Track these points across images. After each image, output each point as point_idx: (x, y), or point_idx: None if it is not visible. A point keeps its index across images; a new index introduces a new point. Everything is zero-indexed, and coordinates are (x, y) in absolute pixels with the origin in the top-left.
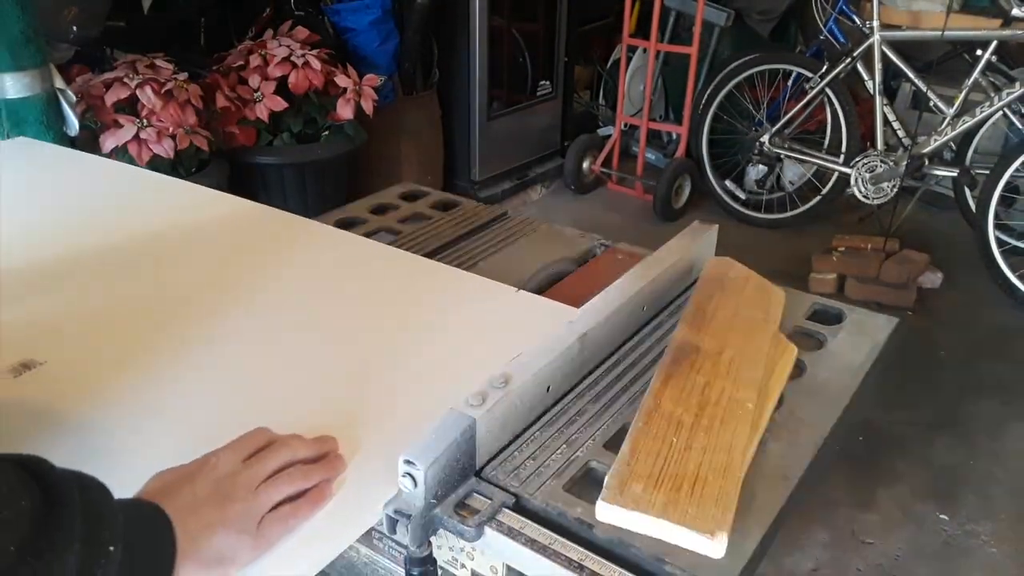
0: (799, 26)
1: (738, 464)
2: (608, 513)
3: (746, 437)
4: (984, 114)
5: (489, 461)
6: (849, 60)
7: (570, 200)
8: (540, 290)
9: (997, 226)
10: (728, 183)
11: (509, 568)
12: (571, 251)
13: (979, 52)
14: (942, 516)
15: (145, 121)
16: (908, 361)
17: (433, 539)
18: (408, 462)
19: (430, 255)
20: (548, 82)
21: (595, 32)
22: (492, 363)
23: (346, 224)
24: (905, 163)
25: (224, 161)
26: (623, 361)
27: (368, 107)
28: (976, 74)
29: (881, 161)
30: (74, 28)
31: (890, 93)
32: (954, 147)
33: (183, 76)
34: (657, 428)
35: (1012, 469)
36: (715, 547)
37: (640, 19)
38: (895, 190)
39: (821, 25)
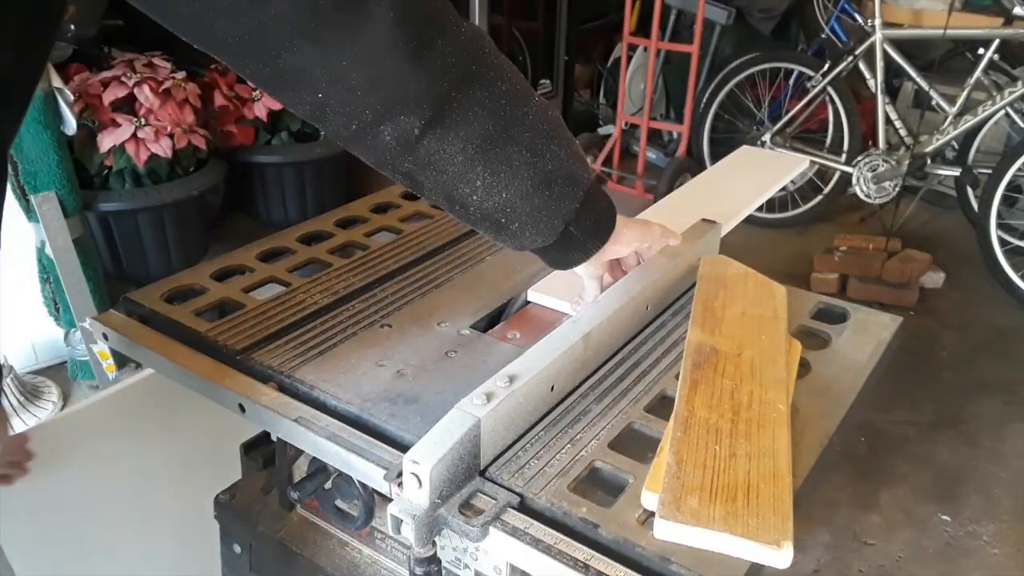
0: (800, 24)
1: (785, 468)
2: (667, 530)
3: (786, 440)
4: (986, 113)
5: (493, 461)
6: (851, 59)
7: None
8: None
9: (999, 225)
10: None
11: (513, 568)
12: None
13: (981, 51)
14: (944, 517)
15: (143, 120)
16: (910, 361)
17: (437, 539)
18: (413, 462)
19: (432, 254)
20: (548, 81)
21: (595, 30)
22: None
23: (347, 223)
24: (907, 162)
25: (222, 160)
26: (627, 360)
27: None
28: (978, 73)
29: (883, 160)
30: (72, 27)
31: (892, 92)
32: (956, 146)
33: (181, 75)
34: (697, 437)
35: (1014, 469)
36: (782, 557)
37: (641, 17)
38: (897, 189)
39: (823, 23)
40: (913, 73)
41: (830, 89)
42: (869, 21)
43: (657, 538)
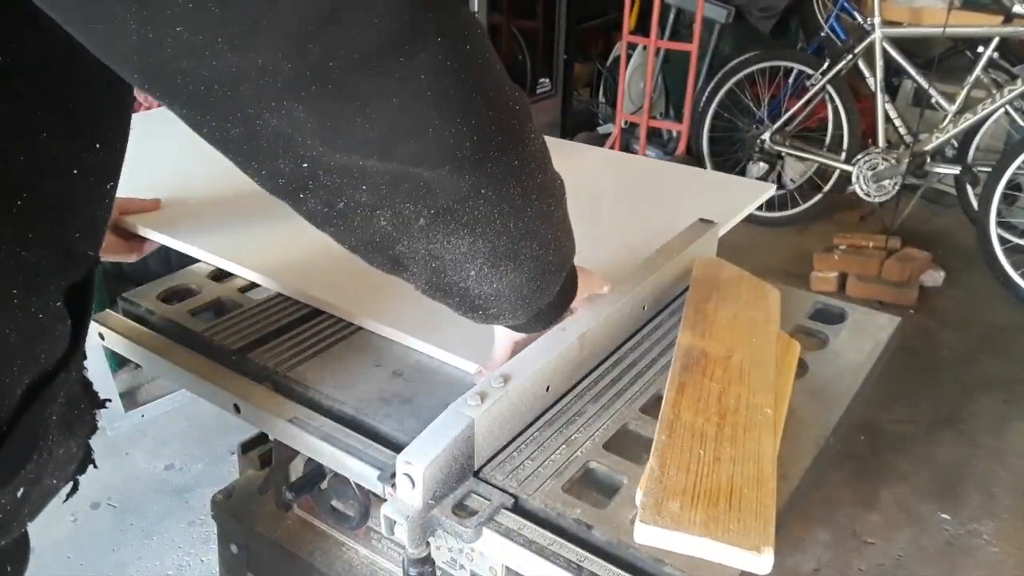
0: (800, 23)
1: (769, 474)
2: (647, 534)
3: (771, 444)
4: (986, 111)
5: (488, 461)
6: (850, 57)
7: None
8: None
9: (999, 224)
10: None
11: (508, 569)
12: None
13: (981, 49)
14: (944, 515)
15: None
16: (910, 360)
17: (431, 540)
18: (406, 462)
19: None
20: (548, 80)
21: (595, 29)
22: None
23: None
24: (907, 160)
25: None
26: (623, 361)
27: None
28: (978, 71)
29: (883, 159)
30: None
31: (891, 90)
32: (956, 144)
33: None
34: (682, 440)
35: (1014, 468)
36: (762, 562)
37: (640, 16)
38: (897, 188)
39: (822, 22)
40: (912, 71)
41: (829, 87)
42: (868, 19)
43: (637, 542)
